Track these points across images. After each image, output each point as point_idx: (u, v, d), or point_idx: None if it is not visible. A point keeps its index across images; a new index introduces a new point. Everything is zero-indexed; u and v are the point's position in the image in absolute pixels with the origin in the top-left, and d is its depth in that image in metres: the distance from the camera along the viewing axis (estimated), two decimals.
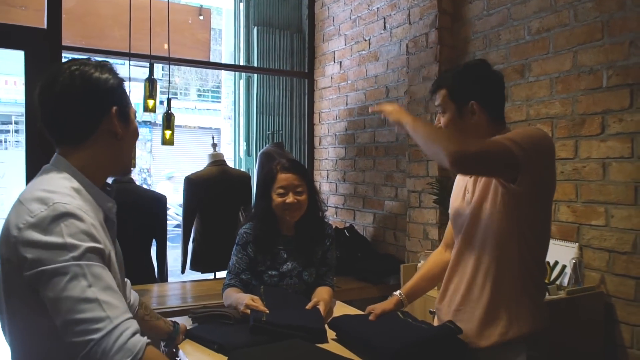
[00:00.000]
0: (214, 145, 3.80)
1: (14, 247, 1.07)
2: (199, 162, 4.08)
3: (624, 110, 2.26)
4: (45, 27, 3.57)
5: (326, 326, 1.80)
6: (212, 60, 9.55)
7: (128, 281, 1.58)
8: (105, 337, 1.03)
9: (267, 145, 4.44)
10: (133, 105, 1.34)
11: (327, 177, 4.65)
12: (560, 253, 2.40)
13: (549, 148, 1.58)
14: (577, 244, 2.42)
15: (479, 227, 1.61)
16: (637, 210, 2.21)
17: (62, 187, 1.14)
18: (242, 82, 5.12)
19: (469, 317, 1.61)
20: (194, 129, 13.50)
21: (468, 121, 1.61)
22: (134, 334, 1.07)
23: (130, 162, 1.36)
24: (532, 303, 1.59)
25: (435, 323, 1.82)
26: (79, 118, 1.22)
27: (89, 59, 1.27)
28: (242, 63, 5.04)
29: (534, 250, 1.59)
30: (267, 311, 1.80)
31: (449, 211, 1.85)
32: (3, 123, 11.10)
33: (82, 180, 1.20)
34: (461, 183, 1.77)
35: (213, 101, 14.78)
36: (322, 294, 2.09)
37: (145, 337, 1.10)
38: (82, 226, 1.09)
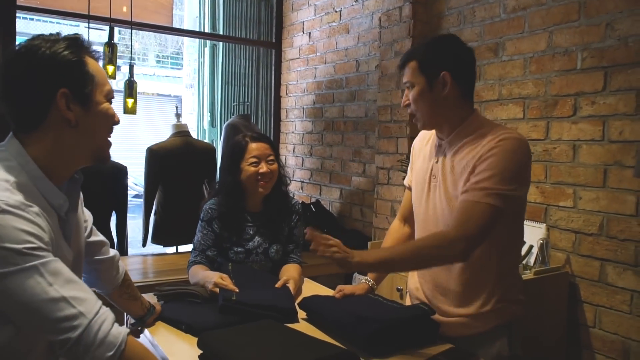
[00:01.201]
0: (178, 116, 3.67)
1: None
2: (159, 132, 3.95)
3: (597, 92, 2.27)
4: None
5: (297, 306, 1.76)
6: (174, 26, 9.24)
7: (117, 253, 1.53)
8: (84, 334, 0.99)
9: (233, 116, 4.33)
10: (105, 83, 1.17)
11: (294, 151, 4.58)
12: (528, 233, 2.41)
13: (527, 165, 1.52)
14: (544, 224, 2.45)
15: (450, 214, 1.54)
16: (605, 193, 2.25)
17: (3, 179, 1.03)
18: (207, 50, 4.96)
19: (453, 300, 1.60)
20: (152, 96, 13.14)
21: (438, 94, 1.53)
22: (112, 325, 1.03)
23: (103, 149, 1.20)
24: (515, 288, 1.59)
25: (408, 301, 1.81)
26: (22, 103, 1.09)
27: (57, 33, 1.13)
28: (207, 30, 4.87)
29: (515, 237, 1.58)
30: (237, 290, 1.75)
31: (408, 184, 1.81)
32: None
33: (31, 172, 1.08)
34: (425, 164, 1.68)
35: (173, 68, 14.39)
36: (290, 271, 2.04)
37: (125, 327, 1.07)
38: (20, 224, 0.99)
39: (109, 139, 1.21)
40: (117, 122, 1.21)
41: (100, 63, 1.20)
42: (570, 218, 2.38)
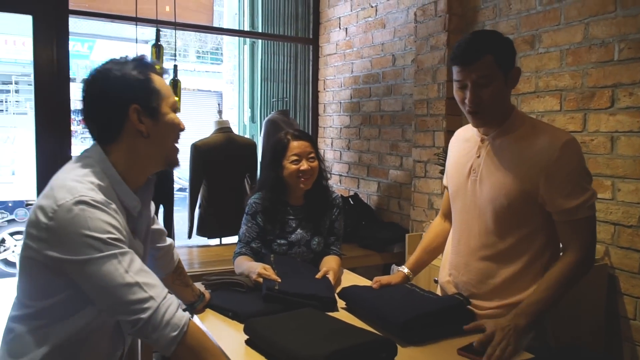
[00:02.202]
0: (220, 112, 3.80)
1: (45, 232, 1.12)
2: (201, 127, 4.07)
3: (635, 84, 2.26)
4: None
5: (336, 295, 1.84)
6: (214, 22, 9.41)
7: (172, 242, 1.68)
8: (154, 315, 1.13)
9: (273, 112, 4.43)
10: (170, 96, 1.30)
11: (332, 145, 4.65)
12: None
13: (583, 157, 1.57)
14: None
15: (494, 210, 1.58)
16: None
17: (89, 181, 1.18)
18: (247, 47, 5.07)
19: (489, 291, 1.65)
20: (193, 92, 13.39)
21: (508, 89, 1.54)
22: (177, 309, 1.17)
23: (172, 155, 1.35)
24: None
25: (439, 293, 1.86)
26: (100, 121, 1.25)
27: (125, 57, 1.28)
28: (246, 27, 4.98)
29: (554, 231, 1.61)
30: (279, 280, 1.84)
31: (446, 184, 1.83)
32: (3, 83, 11.00)
33: (112, 177, 1.23)
34: (463, 160, 1.70)
35: (212, 63, 14.60)
36: (330, 263, 2.13)
37: (187, 312, 1.21)
38: (105, 217, 1.14)
39: (176, 145, 1.35)
40: (183, 129, 1.35)
41: (165, 77, 1.34)
42: (609, 210, 2.38)
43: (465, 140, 1.76)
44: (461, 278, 1.71)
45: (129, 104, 1.22)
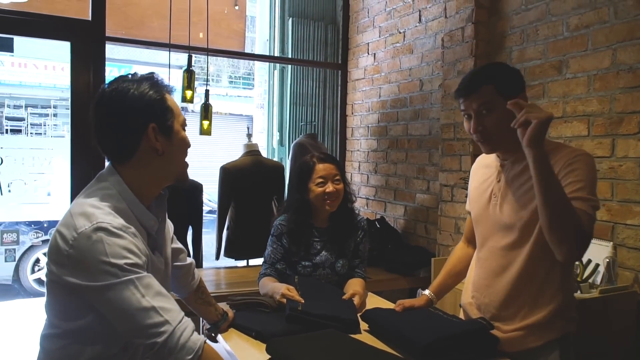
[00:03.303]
0: (249, 136, 3.87)
1: (66, 258, 1.16)
2: (231, 150, 4.15)
3: None
4: (89, 18, 3.69)
5: (359, 318, 1.85)
6: (245, 48, 9.63)
7: (193, 261, 1.71)
8: (169, 339, 1.16)
9: (301, 136, 4.50)
10: (180, 114, 1.35)
11: (359, 168, 4.68)
12: (594, 252, 2.40)
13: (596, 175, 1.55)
14: (611, 242, 2.41)
15: (516, 231, 1.59)
16: None
17: (107, 205, 1.22)
18: (277, 72, 5.17)
19: (511, 319, 1.64)
20: (225, 116, 13.62)
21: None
22: (193, 332, 1.20)
23: (182, 170, 1.38)
24: (569, 304, 1.62)
25: (462, 316, 1.85)
26: (117, 139, 1.28)
27: (134, 74, 1.32)
28: (276, 53, 5.09)
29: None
30: (303, 301, 1.86)
31: (469, 209, 1.85)
32: (42, 107, 11.40)
33: (128, 199, 1.27)
34: (484, 185, 1.73)
35: (244, 88, 14.87)
36: (356, 286, 2.14)
37: (203, 335, 1.23)
38: (123, 243, 1.17)
39: (186, 160, 1.40)
40: (189, 146, 1.39)
41: (174, 96, 1.38)
42: (639, 236, 2.34)
43: (485, 167, 1.78)
44: (483, 300, 1.71)
45: (148, 123, 1.26)
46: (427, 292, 1.93)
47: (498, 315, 1.66)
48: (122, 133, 1.27)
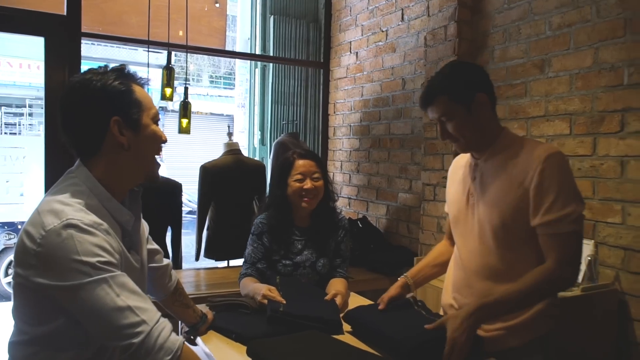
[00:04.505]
0: (230, 135, 3.82)
1: (34, 258, 1.09)
2: (212, 149, 4.10)
3: None
4: (64, 13, 3.60)
5: (341, 318, 1.82)
6: (226, 46, 9.55)
7: (169, 262, 1.65)
8: (146, 339, 1.10)
9: (282, 135, 4.46)
10: (151, 107, 1.28)
11: (341, 167, 4.66)
12: None
13: (570, 171, 1.57)
14: (592, 241, 2.42)
15: (491, 230, 1.59)
16: None
17: (77, 202, 1.16)
18: (258, 70, 5.13)
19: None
20: (206, 115, 13.55)
21: (479, 116, 1.57)
22: (171, 332, 1.14)
23: (153, 169, 1.32)
24: (550, 302, 1.61)
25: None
26: (80, 133, 1.22)
27: (104, 66, 1.25)
28: (257, 51, 5.05)
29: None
30: (284, 302, 1.82)
31: (447, 210, 1.85)
32: (17, 106, 11.19)
33: (99, 194, 1.21)
34: (461, 186, 1.74)
35: (225, 88, 14.80)
36: (337, 286, 2.11)
37: (181, 336, 1.18)
38: (95, 240, 1.11)
39: (157, 158, 1.33)
40: (165, 141, 1.33)
41: (146, 88, 1.32)
42: (619, 234, 2.35)
43: (461, 167, 1.79)
44: (464, 300, 1.70)
45: (110, 116, 1.20)
46: (405, 275, 1.91)
47: None
48: (84, 127, 1.21)
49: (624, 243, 2.33)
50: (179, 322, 1.86)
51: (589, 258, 2.35)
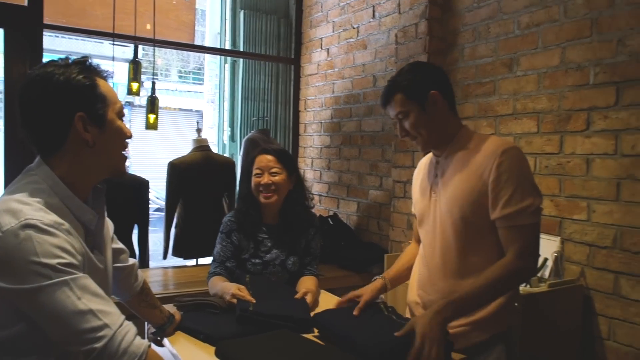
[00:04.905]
0: (199, 131, 3.76)
1: None
2: (180, 145, 4.03)
3: (610, 107, 2.29)
4: (25, 4, 3.48)
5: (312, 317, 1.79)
6: (195, 41, 9.42)
7: (135, 261, 1.60)
8: (109, 344, 1.05)
9: (253, 131, 4.42)
10: (116, 102, 1.23)
11: (312, 164, 4.64)
12: (543, 246, 2.41)
13: (527, 164, 1.59)
14: (559, 237, 2.46)
15: (451, 225, 1.61)
16: (619, 206, 2.26)
17: (36, 200, 1.10)
18: (227, 66, 5.06)
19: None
20: (174, 111, 13.34)
21: (434, 114, 1.61)
22: (135, 336, 1.10)
23: (119, 164, 1.27)
24: (511, 297, 1.63)
25: (409, 315, 1.83)
26: (42, 130, 1.16)
27: (65, 58, 1.19)
28: (227, 47, 4.98)
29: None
30: (254, 301, 1.80)
31: (414, 210, 1.87)
32: None
33: (61, 192, 1.15)
34: (424, 184, 1.77)
35: (194, 83, 14.61)
36: (307, 284, 2.09)
37: (147, 340, 1.14)
38: (55, 241, 1.06)
39: (123, 153, 1.28)
40: (130, 137, 1.27)
41: (110, 82, 1.26)
42: (585, 231, 2.39)
43: (425, 167, 1.83)
44: (428, 297, 1.71)
45: (74, 112, 1.15)
46: (381, 277, 1.90)
47: None
48: (46, 123, 1.15)
49: (589, 239, 2.37)
50: (145, 323, 1.81)
51: (555, 254, 2.39)
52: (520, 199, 1.49)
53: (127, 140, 1.27)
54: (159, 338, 1.69)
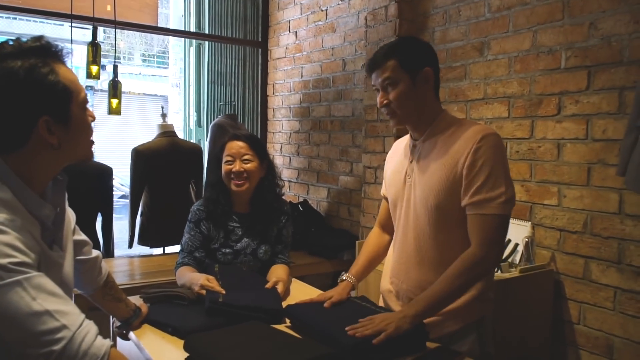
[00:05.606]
0: (164, 116, 3.65)
1: None
2: (144, 131, 3.91)
3: (581, 92, 2.29)
4: None
5: (283, 307, 1.75)
6: (159, 24, 9.17)
7: (99, 253, 1.52)
8: (68, 346, 0.99)
9: (220, 116, 4.31)
10: (80, 90, 1.12)
11: (281, 150, 4.57)
12: (513, 231, 2.44)
13: (505, 154, 1.57)
14: (529, 222, 2.47)
15: (426, 212, 1.58)
16: (589, 191, 2.27)
17: None
18: (193, 49, 4.93)
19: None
20: (138, 96, 13.04)
21: (420, 90, 1.57)
22: (96, 337, 1.03)
23: (86, 152, 1.18)
24: (485, 286, 1.61)
25: (382, 304, 1.80)
26: (0, 128, 1.05)
27: (16, 40, 1.07)
28: (192, 29, 4.84)
29: None
30: (224, 292, 1.74)
31: (384, 194, 1.83)
32: None
33: (14, 186, 1.06)
34: (399, 167, 1.72)
35: (159, 67, 14.29)
36: (279, 272, 2.04)
37: (109, 340, 1.06)
38: (6, 239, 0.98)
39: (91, 139, 1.19)
40: (94, 119, 1.18)
41: (67, 62, 1.15)
42: (555, 216, 2.40)
43: (400, 149, 1.78)
44: (402, 286, 1.67)
45: (38, 116, 1.05)
46: (350, 277, 1.83)
47: None
48: (2, 125, 1.05)
49: (559, 224, 2.38)
50: (110, 317, 1.73)
51: (526, 239, 2.39)
52: (491, 187, 1.46)
53: (92, 125, 1.18)
54: (124, 332, 1.63)
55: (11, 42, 1.07)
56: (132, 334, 1.61)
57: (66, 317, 1.00)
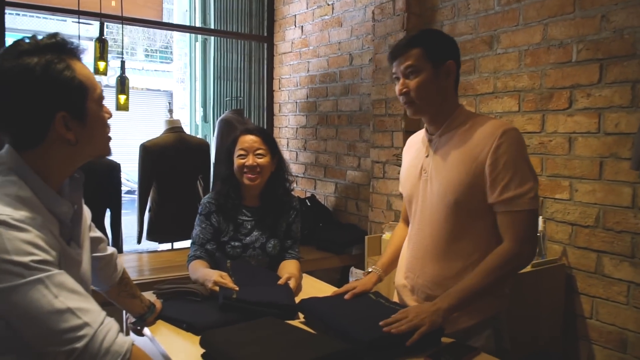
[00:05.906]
0: (170, 111, 3.65)
1: None
2: (150, 126, 3.91)
3: (593, 85, 2.28)
4: None
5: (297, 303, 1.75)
6: (164, 19, 9.16)
7: (115, 250, 1.52)
8: (90, 343, 0.99)
9: (226, 112, 4.30)
10: (95, 87, 1.12)
11: (288, 145, 4.56)
12: None
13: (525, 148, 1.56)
14: (541, 217, 2.45)
15: (444, 207, 1.57)
16: (601, 185, 2.25)
17: (5, 194, 1.01)
18: (198, 44, 4.92)
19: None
20: (142, 91, 13.02)
21: (442, 83, 1.56)
22: (118, 334, 1.03)
23: (104, 148, 1.18)
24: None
25: (397, 299, 1.79)
26: (17, 127, 1.05)
27: (33, 38, 1.07)
28: (197, 24, 4.82)
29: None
30: (237, 288, 1.74)
31: (402, 190, 1.82)
32: None
33: (33, 184, 1.05)
34: (415, 162, 1.71)
35: (162, 62, 14.26)
36: (290, 268, 2.04)
37: (130, 337, 1.07)
38: (27, 237, 0.98)
39: (108, 135, 1.19)
40: (111, 116, 1.19)
41: (82, 58, 1.15)
42: (567, 210, 2.39)
43: (415, 144, 1.77)
44: (417, 280, 1.66)
45: (55, 112, 1.05)
46: (374, 268, 1.85)
47: (432, 296, 1.60)
48: (22, 122, 1.04)
49: (571, 219, 2.37)
50: (124, 312, 1.74)
51: (538, 234, 2.38)
52: (519, 183, 1.45)
53: (109, 122, 1.18)
54: (139, 328, 1.63)
55: (27, 40, 1.07)
56: (146, 330, 1.62)
57: (88, 315, 1.00)
